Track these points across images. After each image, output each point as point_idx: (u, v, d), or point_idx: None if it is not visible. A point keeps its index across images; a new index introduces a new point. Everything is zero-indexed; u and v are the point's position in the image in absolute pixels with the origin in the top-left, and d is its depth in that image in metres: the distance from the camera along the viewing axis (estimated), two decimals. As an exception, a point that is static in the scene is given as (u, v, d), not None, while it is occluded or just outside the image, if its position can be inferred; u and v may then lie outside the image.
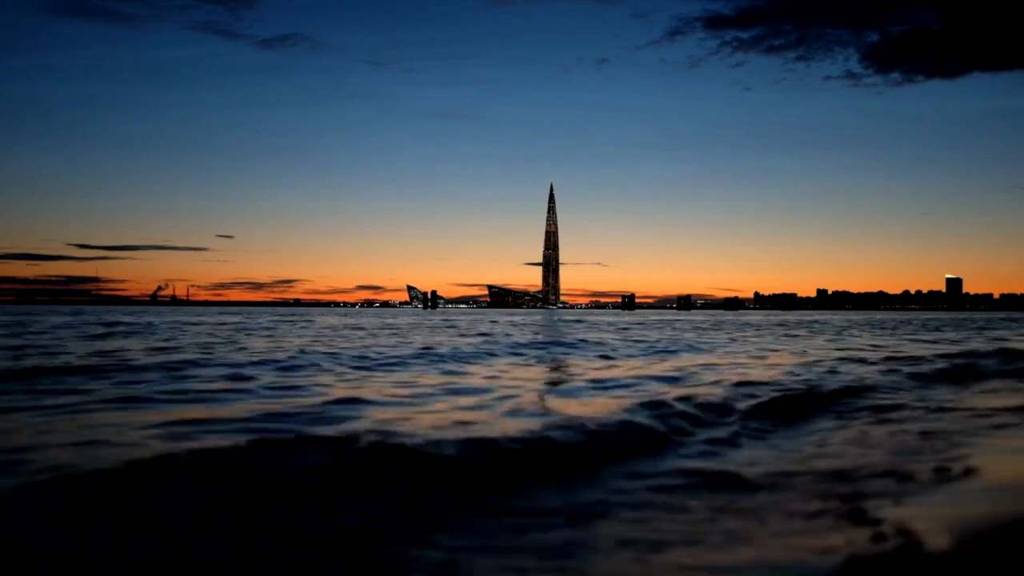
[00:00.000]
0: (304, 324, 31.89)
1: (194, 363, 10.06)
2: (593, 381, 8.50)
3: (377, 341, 17.39)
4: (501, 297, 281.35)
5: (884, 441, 4.91)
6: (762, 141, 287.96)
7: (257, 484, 3.45)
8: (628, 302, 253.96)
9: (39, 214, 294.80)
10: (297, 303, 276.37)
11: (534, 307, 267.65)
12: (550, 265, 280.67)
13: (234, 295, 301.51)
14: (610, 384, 8.12)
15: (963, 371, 9.93)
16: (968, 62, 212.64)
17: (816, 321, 46.37)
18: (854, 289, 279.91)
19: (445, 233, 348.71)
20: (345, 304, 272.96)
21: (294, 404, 6.19)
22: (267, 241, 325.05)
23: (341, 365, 10.33)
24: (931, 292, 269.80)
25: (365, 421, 5.23)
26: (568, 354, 13.54)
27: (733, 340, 19.02)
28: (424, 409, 5.97)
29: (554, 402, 6.56)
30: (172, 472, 3.48)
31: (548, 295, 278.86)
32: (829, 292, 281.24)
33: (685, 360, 11.73)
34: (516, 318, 56.17)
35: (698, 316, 78.13)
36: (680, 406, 5.78)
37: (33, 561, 2.65)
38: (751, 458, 4.38)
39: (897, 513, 3.07)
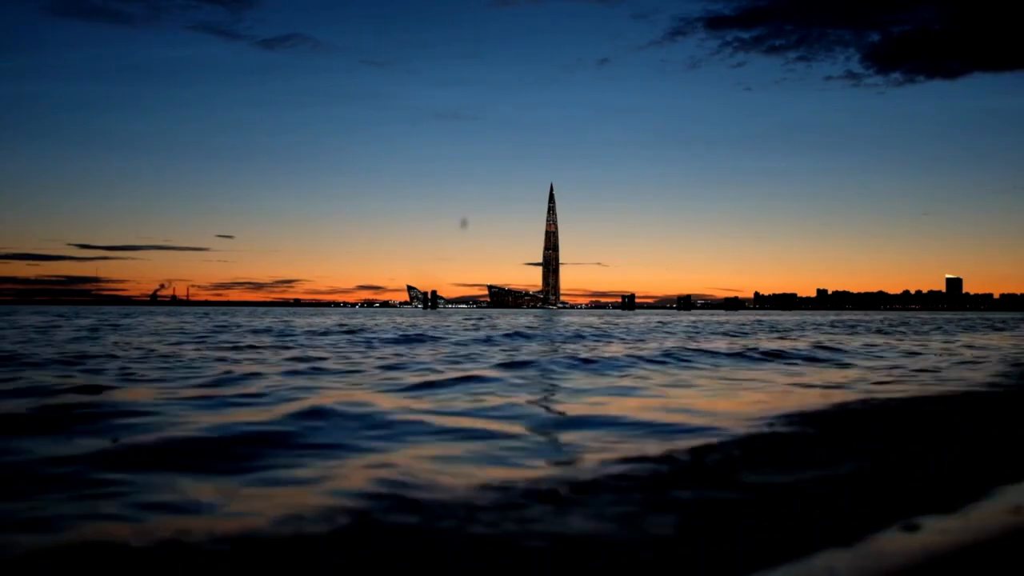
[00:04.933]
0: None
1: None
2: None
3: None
4: (501, 297, 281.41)
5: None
6: (762, 141, 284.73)
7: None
8: (628, 302, 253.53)
9: (39, 214, 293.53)
10: (297, 303, 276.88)
11: (534, 307, 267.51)
12: (550, 265, 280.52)
13: (234, 295, 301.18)
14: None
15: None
16: (968, 62, 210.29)
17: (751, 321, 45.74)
18: (854, 289, 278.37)
19: (445, 233, 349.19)
20: (345, 304, 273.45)
21: None
22: (267, 241, 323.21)
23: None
24: (931, 292, 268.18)
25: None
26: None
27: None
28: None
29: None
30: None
31: (548, 295, 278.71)
32: (829, 292, 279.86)
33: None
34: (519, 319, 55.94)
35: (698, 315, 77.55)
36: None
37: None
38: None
39: None
